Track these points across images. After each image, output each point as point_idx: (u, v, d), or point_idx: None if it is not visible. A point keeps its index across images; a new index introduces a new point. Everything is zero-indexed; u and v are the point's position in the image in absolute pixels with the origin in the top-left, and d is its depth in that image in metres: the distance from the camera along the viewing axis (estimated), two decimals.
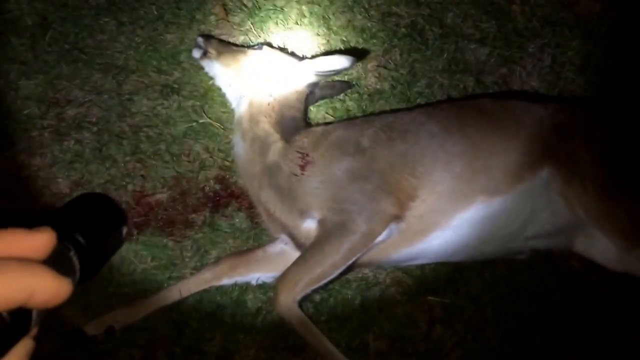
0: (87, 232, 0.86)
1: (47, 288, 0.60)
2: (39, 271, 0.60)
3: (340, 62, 2.20)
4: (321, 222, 2.04)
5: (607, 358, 2.11)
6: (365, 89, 2.47)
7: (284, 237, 2.20)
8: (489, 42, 2.49)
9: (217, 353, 2.12)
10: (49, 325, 2.09)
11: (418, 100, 2.45)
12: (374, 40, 2.49)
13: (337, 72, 2.30)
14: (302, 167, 2.08)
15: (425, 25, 2.50)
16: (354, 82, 2.46)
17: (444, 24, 2.50)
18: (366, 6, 2.51)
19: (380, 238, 2.00)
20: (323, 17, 2.51)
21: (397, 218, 2.01)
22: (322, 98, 2.43)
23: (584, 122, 2.11)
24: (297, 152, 2.11)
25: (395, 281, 2.23)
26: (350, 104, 2.45)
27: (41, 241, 0.63)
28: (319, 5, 2.51)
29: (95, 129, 2.44)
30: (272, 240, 2.24)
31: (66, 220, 0.87)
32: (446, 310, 2.17)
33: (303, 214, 2.07)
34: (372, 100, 2.45)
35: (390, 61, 2.49)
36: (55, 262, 0.64)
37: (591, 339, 2.11)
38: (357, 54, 2.38)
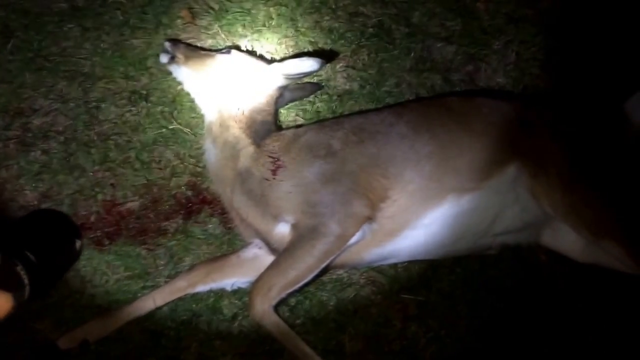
0: (37, 249, 0.86)
1: None
2: None
3: (309, 64, 2.21)
4: (294, 226, 2.05)
5: (577, 348, 2.16)
6: (335, 89, 2.48)
7: (257, 241, 2.21)
8: (455, 40, 2.51)
9: None
10: (21, 340, 2.08)
11: (387, 100, 2.46)
12: (342, 41, 2.49)
13: (306, 75, 2.30)
14: (274, 172, 2.08)
15: (392, 24, 2.51)
16: (323, 84, 2.47)
17: (410, 23, 2.51)
18: (333, 7, 2.51)
19: (353, 239, 2.01)
20: (291, 18, 2.50)
21: (370, 219, 2.03)
22: (292, 100, 2.43)
23: (549, 118, 2.15)
24: (268, 156, 2.12)
25: (369, 281, 2.26)
26: (320, 105, 2.46)
27: None
28: (286, 7, 2.50)
29: (62, 138, 2.40)
30: (245, 245, 2.25)
31: (15, 237, 0.87)
32: (420, 308, 2.21)
33: (276, 218, 2.08)
34: (341, 100, 2.46)
35: (358, 61, 2.49)
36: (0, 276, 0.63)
37: (561, 330, 2.17)
38: (325, 55, 2.39)
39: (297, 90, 2.42)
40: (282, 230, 2.08)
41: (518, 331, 2.17)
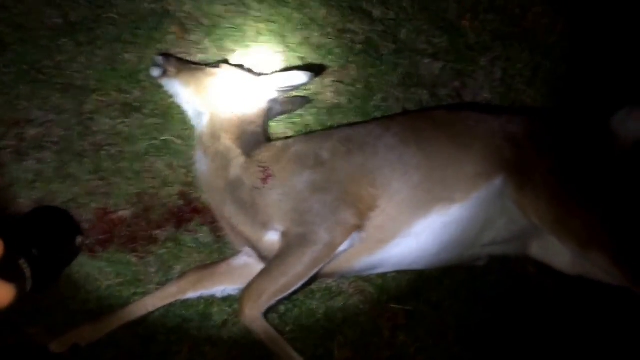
0: (40, 243, 0.89)
1: None
2: None
3: (299, 77, 2.28)
4: (284, 234, 2.10)
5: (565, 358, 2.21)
6: (323, 103, 2.55)
7: (247, 250, 2.26)
8: (442, 56, 2.59)
9: None
10: (13, 344, 2.11)
11: (375, 114, 2.53)
12: (331, 57, 2.57)
13: (296, 88, 2.37)
14: (264, 180, 2.14)
15: (380, 41, 2.59)
16: (312, 97, 2.54)
17: (398, 40, 2.59)
18: (322, 23, 2.59)
19: (342, 248, 2.07)
20: (280, 34, 2.57)
21: (358, 228, 2.08)
22: (282, 113, 2.50)
23: (534, 131, 2.21)
24: (258, 166, 2.17)
25: (358, 290, 2.31)
26: (309, 118, 2.53)
27: None
28: (276, 24, 2.58)
29: (56, 148, 2.46)
30: (236, 253, 2.30)
31: (19, 232, 0.90)
32: (408, 317, 2.26)
33: (265, 226, 2.13)
34: (330, 114, 2.53)
35: (347, 76, 2.57)
36: (3, 269, 0.66)
37: (548, 341, 2.22)
38: (314, 69, 2.46)
39: (286, 103, 2.49)
40: (272, 238, 2.13)
41: (505, 341, 2.23)
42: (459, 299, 2.29)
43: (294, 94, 2.50)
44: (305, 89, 2.53)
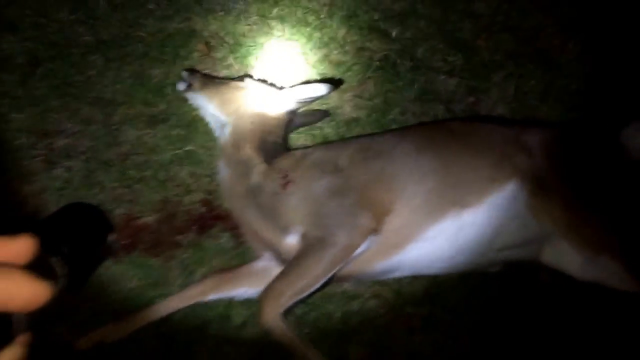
0: (71, 240, 0.93)
1: (25, 291, 0.66)
2: (17, 275, 0.66)
3: (319, 89, 2.40)
4: (303, 237, 2.18)
5: None
6: (342, 117, 2.65)
7: (267, 254, 2.34)
8: (457, 73, 2.69)
9: None
10: (39, 342, 2.20)
11: (392, 127, 2.63)
12: (349, 73, 2.68)
13: (316, 99, 2.49)
14: (283, 186, 2.24)
15: (397, 59, 2.70)
16: (331, 111, 2.65)
17: (414, 58, 2.70)
18: (341, 42, 2.71)
19: (359, 250, 2.14)
20: (301, 52, 2.70)
21: (375, 231, 2.16)
22: (302, 125, 2.60)
23: (547, 140, 2.29)
24: (278, 172, 2.27)
25: (374, 294, 2.38)
26: (328, 131, 2.63)
27: (21, 247, 0.68)
28: (297, 42, 2.71)
29: (84, 157, 2.58)
30: (256, 258, 2.38)
31: (51, 229, 0.95)
32: (424, 321, 2.32)
33: (285, 230, 2.21)
34: (348, 127, 2.64)
35: (365, 91, 2.68)
36: (36, 267, 0.71)
37: (561, 344, 2.27)
38: (334, 83, 2.57)
39: (306, 116, 2.60)
40: (291, 241, 2.21)
41: (519, 346, 2.28)
42: (473, 303, 2.36)
43: (314, 107, 2.60)
44: (324, 103, 2.64)
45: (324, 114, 2.64)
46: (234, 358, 2.26)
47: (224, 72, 2.71)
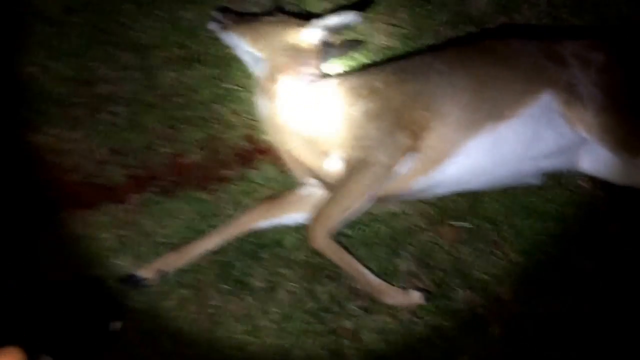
0: (64, 332, 0.97)
1: None
2: None
3: (350, 16, 2.48)
4: (344, 160, 2.30)
5: (616, 269, 2.40)
6: (375, 45, 2.73)
7: (311, 180, 2.45)
8: None
9: (263, 286, 2.45)
10: (105, 274, 2.38)
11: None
12: (379, 1, 2.75)
13: (347, 26, 2.57)
14: (322, 113, 2.34)
15: None
16: (364, 40, 2.72)
17: None
18: None
19: (399, 168, 2.26)
20: None
21: (413, 149, 2.27)
22: (336, 56, 2.68)
23: (578, 49, 2.38)
24: (315, 100, 2.37)
25: (418, 212, 2.51)
26: (362, 60, 2.71)
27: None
28: None
29: (126, 101, 2.71)
30: (300, 185, 2.51)
31: (39, 332, 0.98)
32: (467, 233, 2.46)
33: (326, 154, 2.34)
34: (382, 55, 2.72)
35: (397, 19, 2.75)
36: None
37: (601, 250, 2.41)
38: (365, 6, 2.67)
39: (340, 46, 2.67)
40: (333, 165, 2.34)
41: (559, 252, 2.44)
42: (514, 214, 2.49)
43: (347, 37, 2.67)
44: (357, 33, 2.72)
45: (357, 44, 2.71)
46: (290, 278, 2.44)
47: (254, 10, 2.78)
